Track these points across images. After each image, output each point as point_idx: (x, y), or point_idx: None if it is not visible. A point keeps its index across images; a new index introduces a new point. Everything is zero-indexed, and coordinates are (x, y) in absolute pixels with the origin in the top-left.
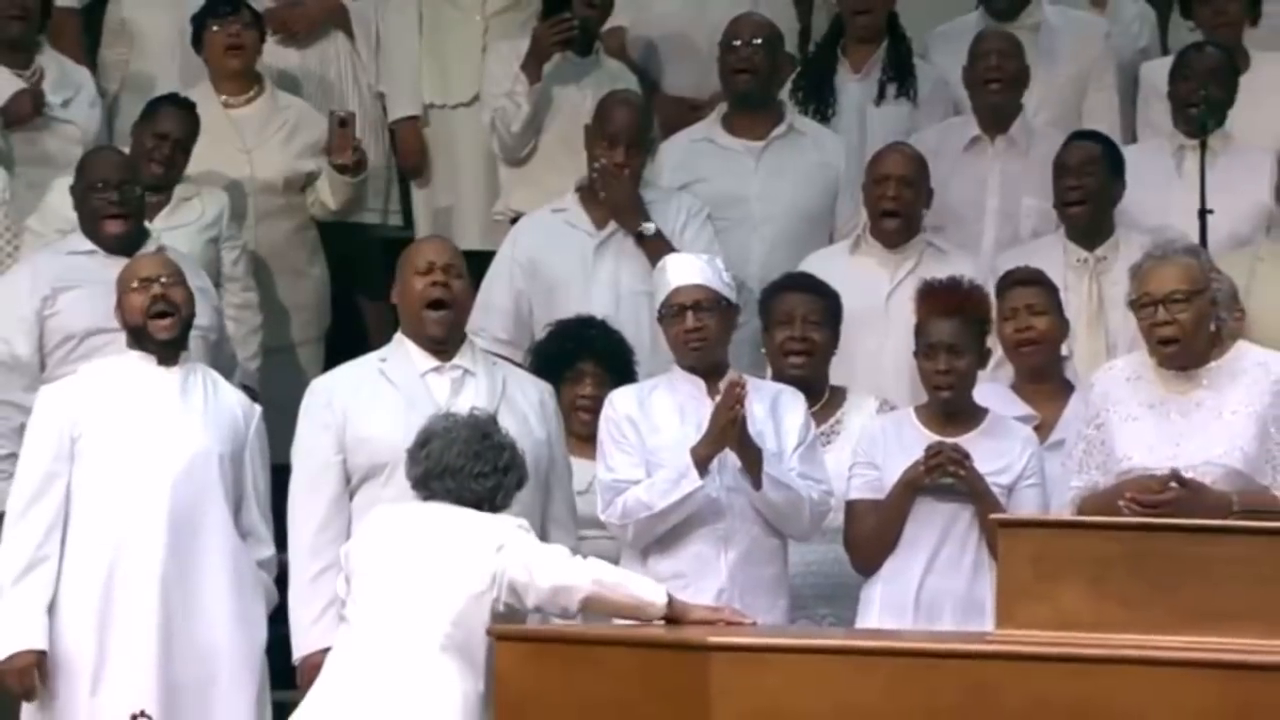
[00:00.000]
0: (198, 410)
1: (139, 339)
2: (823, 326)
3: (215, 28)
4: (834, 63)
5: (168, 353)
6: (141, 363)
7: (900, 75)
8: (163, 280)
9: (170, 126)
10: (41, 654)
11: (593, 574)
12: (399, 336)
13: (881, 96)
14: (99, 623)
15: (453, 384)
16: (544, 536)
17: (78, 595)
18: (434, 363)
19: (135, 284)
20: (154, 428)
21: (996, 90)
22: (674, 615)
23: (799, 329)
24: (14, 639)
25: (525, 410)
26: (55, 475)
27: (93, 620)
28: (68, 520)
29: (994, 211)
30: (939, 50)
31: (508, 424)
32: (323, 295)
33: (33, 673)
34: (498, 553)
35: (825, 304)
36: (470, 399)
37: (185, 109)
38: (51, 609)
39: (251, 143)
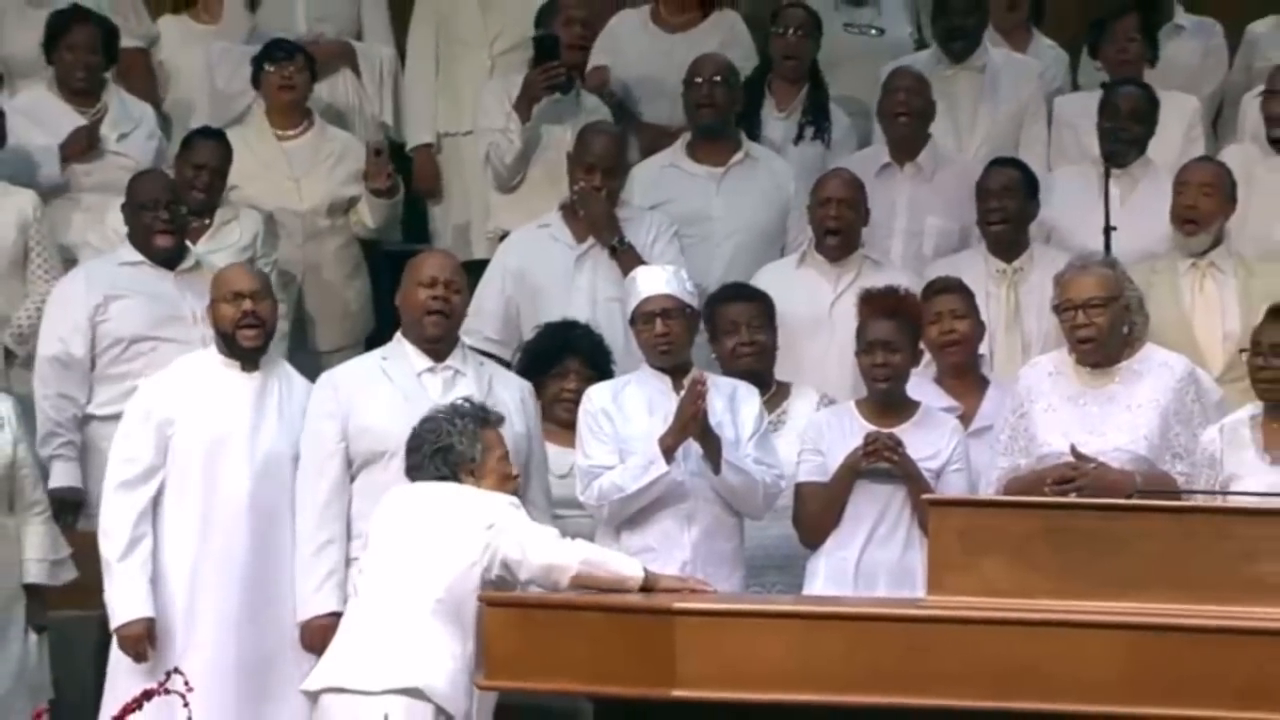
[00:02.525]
0: (274, 413)
1: (227, 343)
2: (764, 328)
3: (271, 69)
4: (761, 97)
5: (251, 358)
6: (227, 368)
7: (817, 119)
8: (254, 294)
9: (206, 157)
10: (151, 620)
11: (581, 554)
12: (399, 337)
13: (800, 137)
14: (188, 599)
15: (444, 383)
16: None
17: (170, 574)
18: (429, 363)
19: (229, 296)
20: (236, 429)
21: (905, 123)
22: (647, 585)
23: (745, 334)
24: (128, 608)
25: (507, 405)
26: (154, 467)
27: (183, 597)
28: (158, 505)
29: (901, 230)
30: None
31: None
32: (364, 304)
33: (145, 638)
34: (489, 529)
35: (763, 308)
36: (459, 394)
37: (218, 139)
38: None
39: (300, 171)
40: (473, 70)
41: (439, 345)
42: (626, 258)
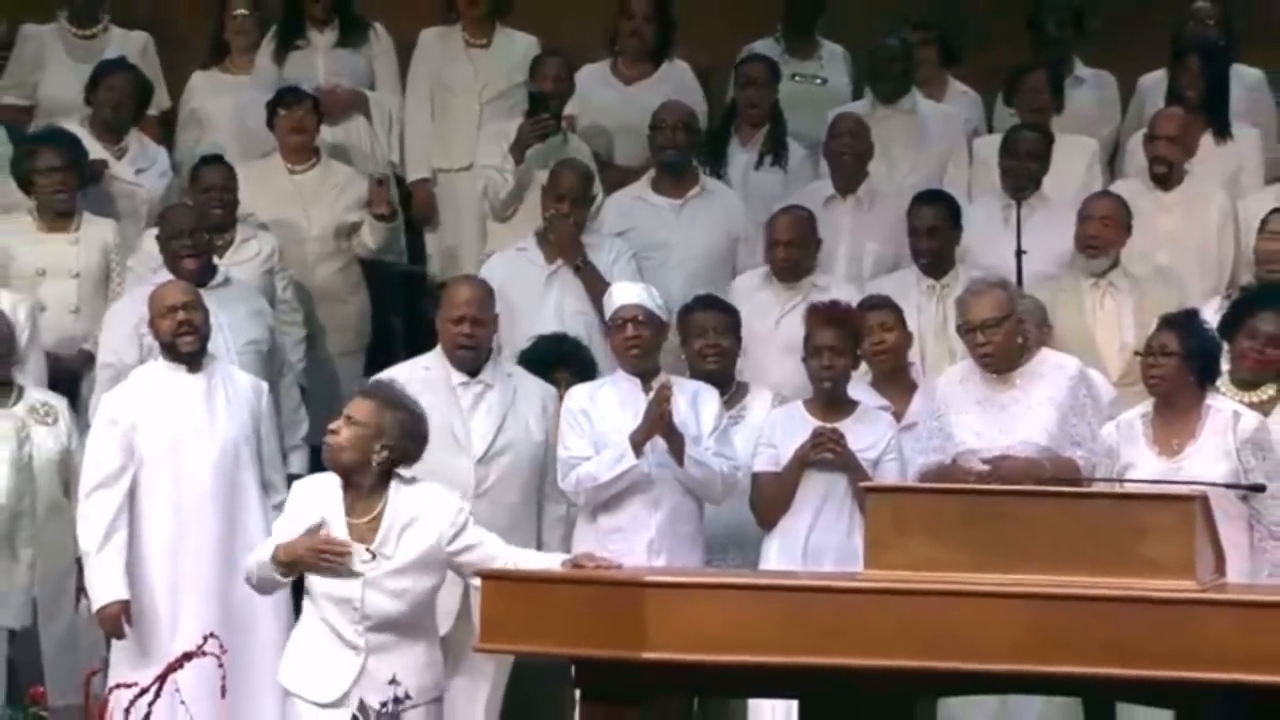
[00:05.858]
0: (223, 406)
1: (170, 352)
2: (729, 334)
3: (283, 112)
4: (728, 137)
5: (194, 361)
6: (175, 373)
7: (776, 150)
8: (185, 305)
9: (212, 179)
10: (126, 603)
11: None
12: (441, 350)
13: (760, 164)
14: (171, 580)
15: (475, 396)
16: (540, 510)
17: (152, 560)
18: (463, 378)
19: (164, 310)
20: (192, 424)
21: (848, 162)
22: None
23: (711, 338)
24: (105, 592)
25: (527, 416)
26: (123, 468)
27: (166, 578)
28: (135, 501)
29: (843, 255)
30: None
31: (513, 428)
32: (363, 317)
33: (121, 618)
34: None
35: (729, 318)
36: (486, 407)
37: (219, 163)
38: (133, 572)
39: (309, 200)
40: (464, 115)
41: (471, 366)
42: (589, 276)
